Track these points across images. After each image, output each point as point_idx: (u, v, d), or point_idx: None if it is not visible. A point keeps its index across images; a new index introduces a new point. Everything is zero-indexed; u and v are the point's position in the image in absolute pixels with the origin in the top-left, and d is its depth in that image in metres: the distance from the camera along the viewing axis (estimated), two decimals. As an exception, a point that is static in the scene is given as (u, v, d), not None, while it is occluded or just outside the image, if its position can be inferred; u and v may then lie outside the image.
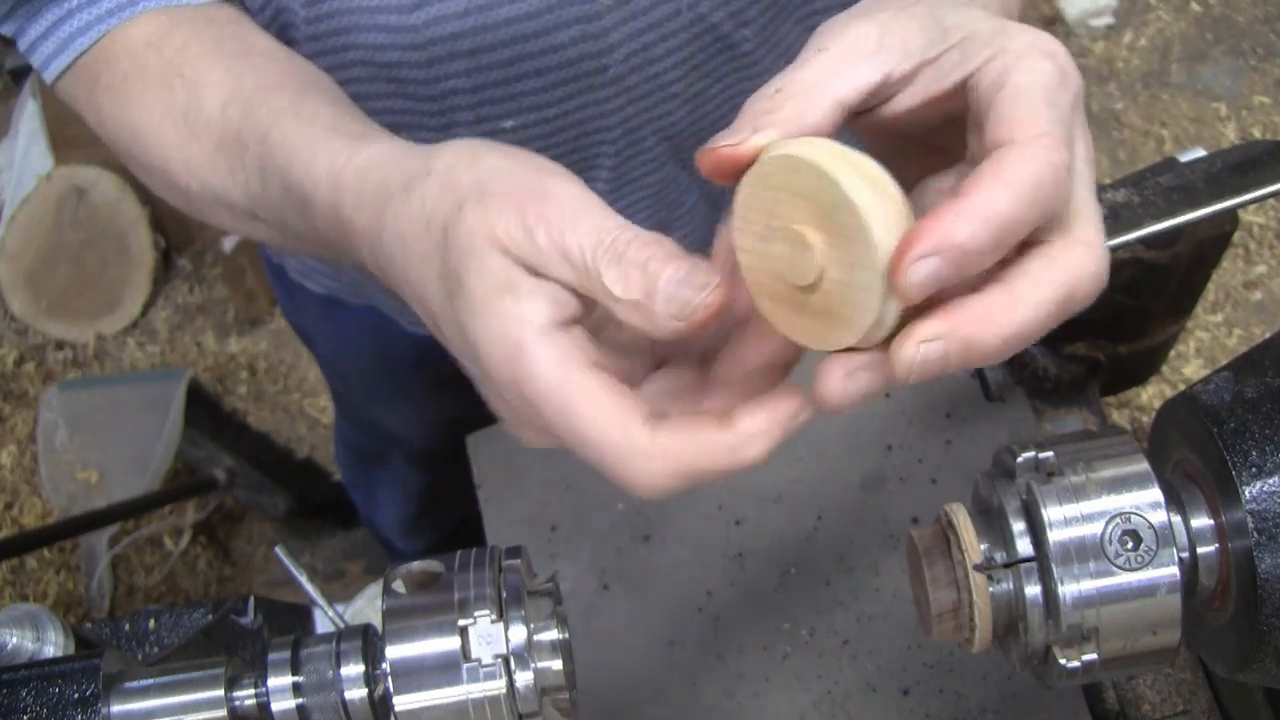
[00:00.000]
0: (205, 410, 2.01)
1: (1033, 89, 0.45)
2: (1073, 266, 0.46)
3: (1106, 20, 2.45)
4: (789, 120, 0.47)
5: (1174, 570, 0.54)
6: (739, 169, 0.47)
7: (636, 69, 0.77)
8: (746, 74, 0.83)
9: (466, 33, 0.72)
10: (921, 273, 0.42)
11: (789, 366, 0.53)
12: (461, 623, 0.55)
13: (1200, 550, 0.57)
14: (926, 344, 0.44)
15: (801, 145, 0.45)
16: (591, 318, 0.51)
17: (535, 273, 0.49)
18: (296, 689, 0.57)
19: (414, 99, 0.76)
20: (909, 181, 0.50)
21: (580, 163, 0.83)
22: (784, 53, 0.84)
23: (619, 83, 0.77)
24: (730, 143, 0.47)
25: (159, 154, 0.68)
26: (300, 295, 1.08)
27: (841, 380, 0.48)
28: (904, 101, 0.49)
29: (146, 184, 0.73)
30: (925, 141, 0.52)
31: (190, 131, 0.66)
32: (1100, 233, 0.47)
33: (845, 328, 0.45)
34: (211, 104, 0.65)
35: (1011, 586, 0.56)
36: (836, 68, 0.48)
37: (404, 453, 1.31)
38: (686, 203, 0.91)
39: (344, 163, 0.57)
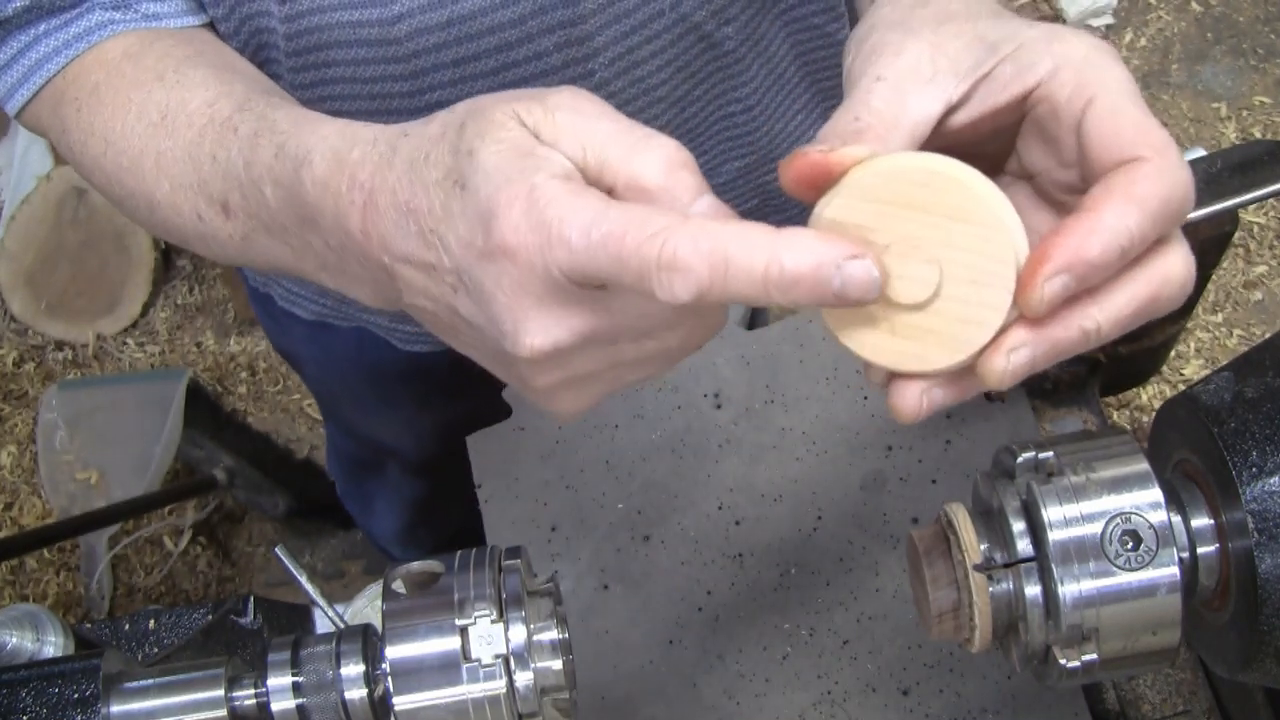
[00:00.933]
0: (205, 410, 2.01)
1: (1126, 102, 0.45)
2: (1160, 269, 0.45)
3: (1106, 20, 2.44)
4: (877, 141, 0.46)
5: (1174, 570, 0.54)
6: (829, 179, 0.45)
7: (622, 72, 0.77)
8: (729, 73, 0.83)
9: (450, 43, 0.72)
10: (1054, 289, 0.42)
11: None
12: (461, 623, 0.55)
13: (1200, 550, 0.57)
14: (1015, 352, 0.44)
15: (909, 159, 0.44)
16: None
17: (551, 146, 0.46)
18: (296, 689, 0.57)
19: (397, 113, 0.75)
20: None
21: None
22: (764, 50, 0.84)
23: (605, 87, 0.77)
24: (823, 148, 0.45)
25: (130, 157, 0.65)
26: (286, 321, 1.08)
27: (917, 397, 0.46)
28: (959, 120, 0.49)
29: (110, 199, 0.68)
30: (967, 153, 0.50)
31: (168, 128, 0.63)
32: (1183, 238, 0.46)
33: (954, 347, 0.43)
34: (196, 101, 0.63)
35: (1011, 586, 0.56)
36: (903, 101, 0.47)
37: (399, 463, 1.30)
38: None
39: (359, 126, 0.54)
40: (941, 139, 0.49)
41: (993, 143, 0.50)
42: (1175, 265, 0.45)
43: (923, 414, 0.46)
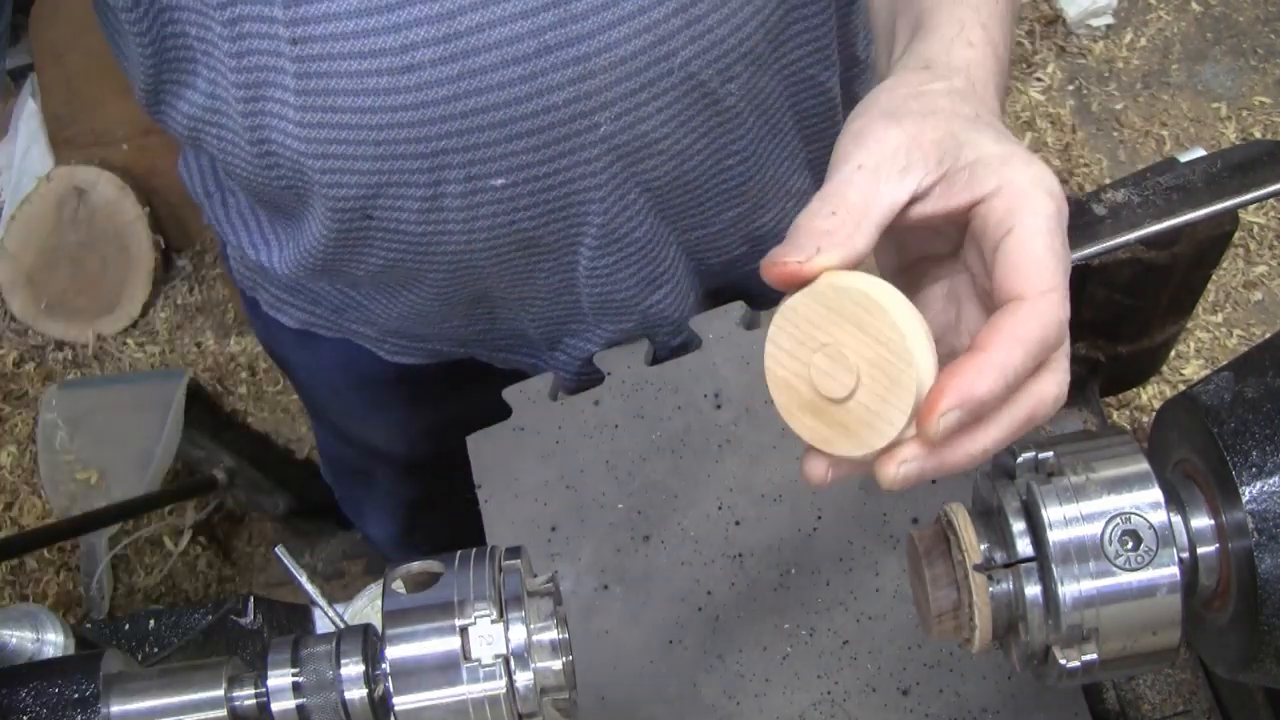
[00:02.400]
0: (205, 410, 2.01)
1: (1038, 239, 0.52)
2: (1035, 394, 0.52)
3: (1106, 20, 2.44)
4: (845, 243, 0.52)
5: (1174, 570, 0.54)
6: (802, 283, 0.52)
7: (627, 127, 0.77)
8: (728, 127, 0.83)
9: (461, 95, 0.72)
10: (948, 422, 0.49)
11: None
12: (461, 623, 0.55)
13: (1200, 550, 0.57)
14: (905, 464, 0.51)
15: (865, 281, 0.51)
16: None
17: None
18: (296, 689, 0.57)
19: (402, 159, 0.76)
20: (906, 262, 0.59)
21: (569, 219, 0.83)
22: (762, 104, 0.85)
23: (608, 140, 0.77)
24: (799, 259, 0.52)
25: None
26: (274, 326, 1.08)
27: (823, 470, 0.54)
28: (922, 209, 0.55)
29: None
30: (932, 233, 0.58)
31: None
32: (1067, 355, 0.54)
33: (856, 444, 0.52)
34: None
35: (1011, 586, 0.56)
36: (876, 189, 0.53)
37: (391, 467, 1.30)
38: (668, 257, 0.91)
39: None
40: (907, 221, 0.55)
41: (952, 231, 0.56)
42: (1049, 388, 0.53)
43: (826, 483, 0.54)
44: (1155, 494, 0.55)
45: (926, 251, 0.59)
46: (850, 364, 0.50)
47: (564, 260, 0.88)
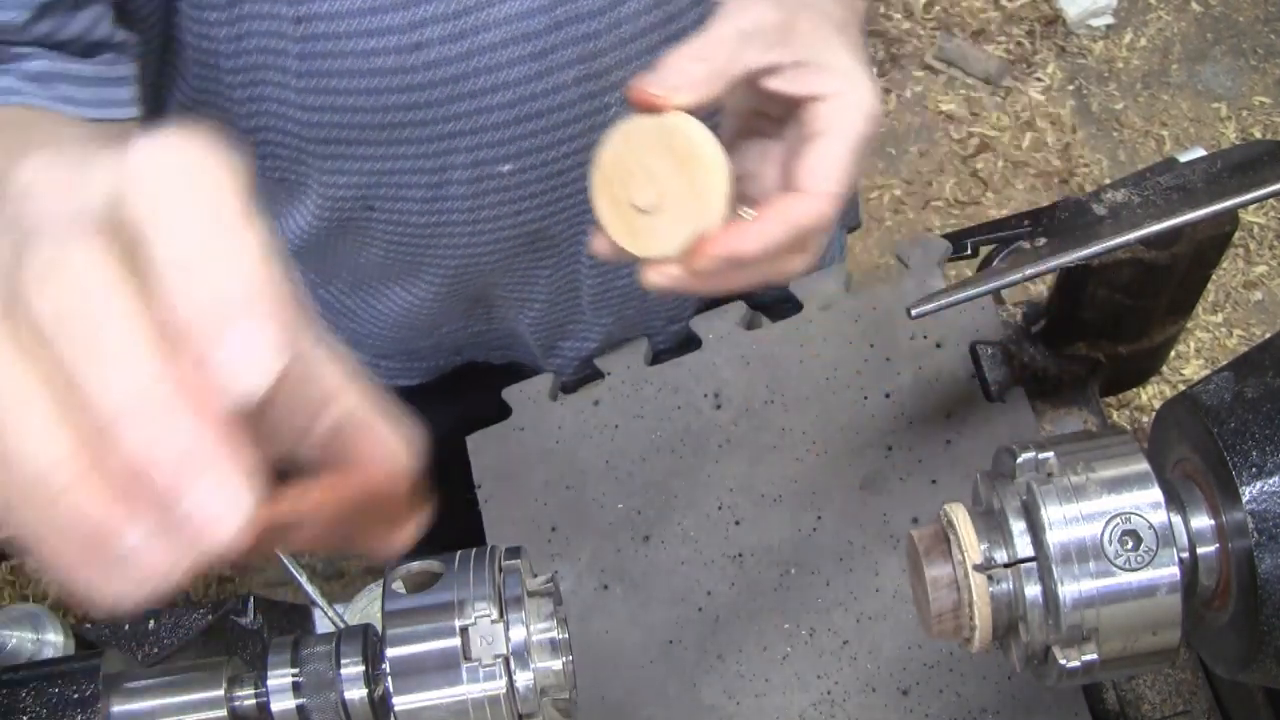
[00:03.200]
0: (205, 410, 2.01)
1: (837, 151, 0.61)
2: (784, 262, 0.63)
3: (1106, 20, 2.45)
4: (698, 90, 0.60)
5: (1174, 570, 0.54)
6: (654, 110, 0.60)
7: None
8: None
9: (469, 74, 0.71)
10: (709, 264, 0.60)
11: None
12: (461, 623, 0.55)
13: (1200, 550, 0.57)
14: (664, 276, 0.61)
15: (698, 132, 0.60)
16: None
17: None
18: (296, 689, 0.57)
19: (409, 143, 0.75)
20: (743, 110, 0.67)
21: (576, 207, 0.83)
22: None
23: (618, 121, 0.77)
24: (657, 93, 0.60)
25: None
26: None
27: (606, 248, 0.63)
28: (768, 81, 0.63)
29: None
30: (764, 97, 0.66)
31: None
32: (822, 244, 0.65)
33: (635, 245, 0.62)
34: None
35: (1011, 586, 0.56)
36: (742, 54, 0.61)
37: None
38: None
39: None
40: (755, 85, 0.63)
41: (788, 107, 0.64)
42: (796, 263, 0.64)
43: (601, 255, 0.64)
44: (1155, 494, 0.55)
45: (763, 110, 0.67)
46: (659, 187, 0.60)
47: (568, 253, 0.88)
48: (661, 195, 0.60)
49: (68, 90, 0.62)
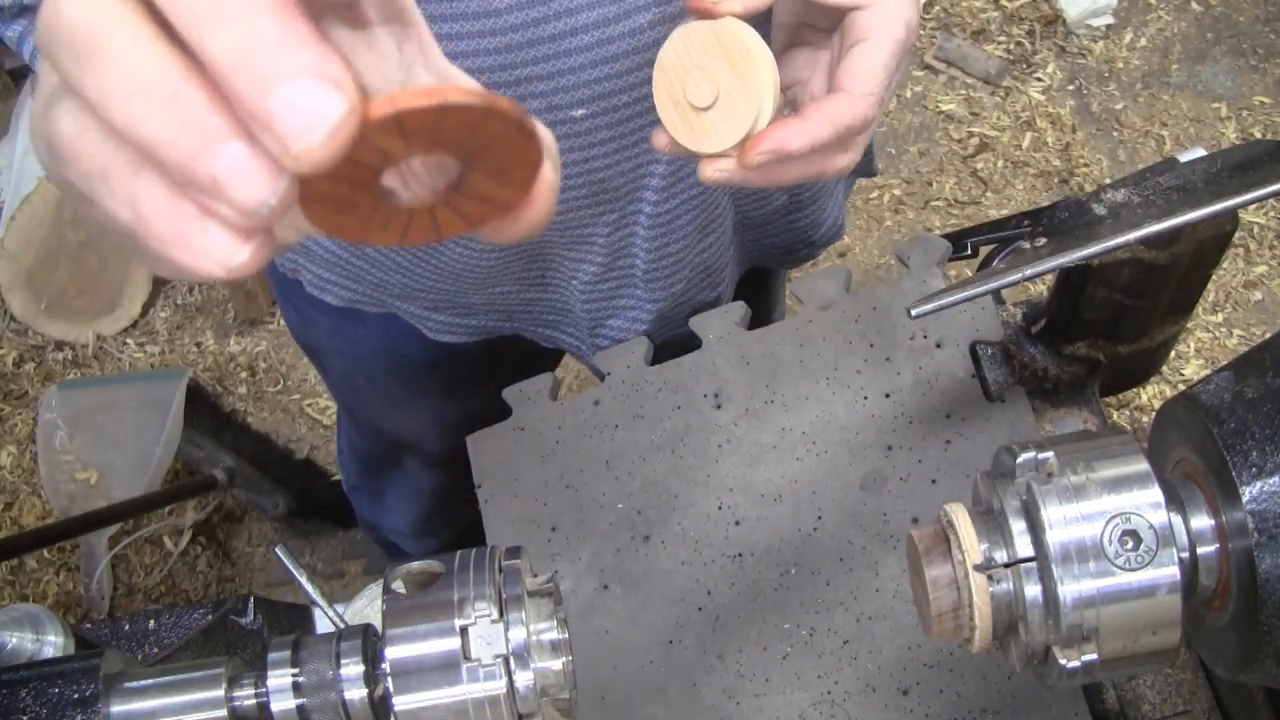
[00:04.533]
0: (205, 410, 2.01)
1: (878, 55, 0.66)
2: (829, 160, 0.67)
3: (1106, 20, 2.44)
4: (749, 4, 0.65)
5: (1174, 570, 0.54)
6: (709, 16, 0.65)
7: None
8: None
9: (551, 17, 0.72)
10: (760, 159, 0.65)
11: None
12: (461, 623, 0.55)
13: (1200, 550, 0.57)
14: (720, 171, 0.66)
15: (750, 36, 0.65)
16: None
17: None
18: (296, 689, 0.57)
19: (486, 87, 0.75)
20: (794, 21, 0.72)
21: (640, 157, 0.84)
22: None
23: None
24: (712, 2, 0.65)
25: None
26: (311, 311, 1.08)
27: (666, 144, 0.68)
28: None
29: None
30: (813, 9, 0.70)
31: None
32: (864, 142, 0.70)
33: (693, 141, 0.67)
34: None
35: (1011, 586, 0.56)
36: None
37: (418, 455, 1.31)
38: (720, 204, 0.93)
39: None
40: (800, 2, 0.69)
41: (833, 18, 0.69)
42: (841, 160, 0.68)
43: (662, 150, 0.68)
44: (1155, 494, 0.55)
45: (811, 22, 0.72)
46: (714, 87, 0.65)
47: (628, 211, 0.89)
48: (716, 94, 0.65)
49: None
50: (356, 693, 0.57)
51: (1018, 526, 0.56)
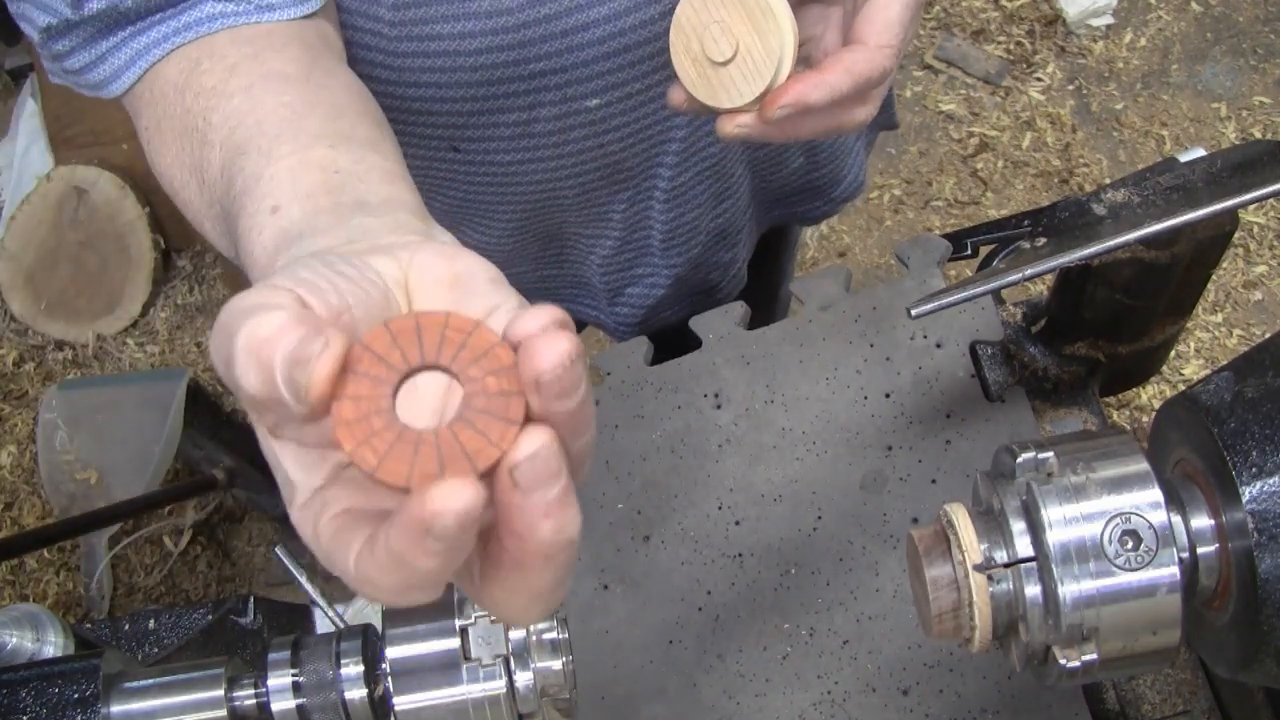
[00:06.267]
0: (205, 410, 2.01)
1: (894, 8, 0.66)
2: (849, 113, 0.68)
3: (1106, 20, 2.44)
4: None
5: (1174, 570, 0.54)
6: None
7: None
8: None
9: (562, 13, 0.72)
10: (780, 114, 0.65)
11: None
12: (461, 623, 0.55)
13: (1200, 550, 0.57)
14: (740, 127, 0.67)
15: None
16: None
17: None
18: (296, 689, 0.57)
19: (499, 83, 0.76)
20: None
21: (654, 139, 0.84)
22: None
23: None
24: None
25: (191, 211, 0.62)
26: None
27: (682, 100, 0.68)
28: None
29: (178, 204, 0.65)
30: None
31: (201, 188, 0.60)
32: (882, 95, 0.70)
33: (711, 97, 0.67)
34: (214, 166, 0.58)
35: (1011, 586, 0.56)
36: None
37: None
38: (736, 172, 0.93)
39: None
40: None
41: None
42: (860, 114, 0.68)
43: (678, 108, 0.68)
44: (1155, 494, 0.55)
45: None
46: (733, 42, 0.65)
47: (643, 187, 0.89)
48: (735, 48, 0.66)
49: None
50: (356, 693, 0.57)
51: (1018, 526, 0.56)
